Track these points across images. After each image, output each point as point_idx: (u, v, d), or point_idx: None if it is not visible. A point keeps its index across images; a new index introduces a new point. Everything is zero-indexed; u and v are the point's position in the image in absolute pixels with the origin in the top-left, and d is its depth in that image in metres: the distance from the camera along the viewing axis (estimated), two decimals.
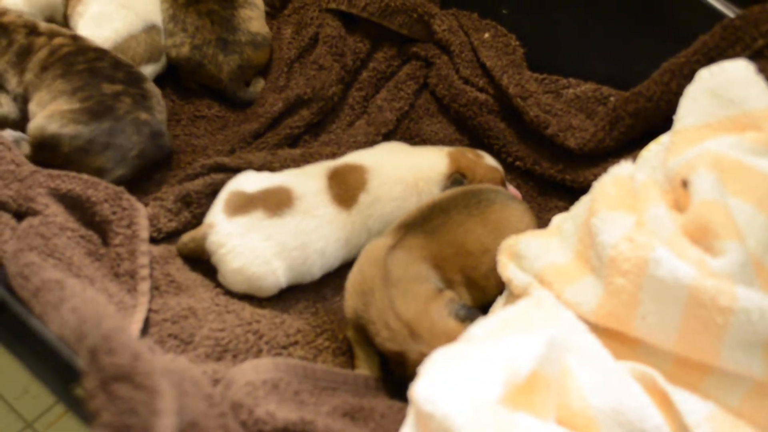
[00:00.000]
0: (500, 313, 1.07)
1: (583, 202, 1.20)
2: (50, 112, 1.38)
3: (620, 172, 1.16)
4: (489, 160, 1.43)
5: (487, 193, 1.32)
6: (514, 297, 1.19)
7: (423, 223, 1.26)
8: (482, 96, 1.56)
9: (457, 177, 1.38)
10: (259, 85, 1.65)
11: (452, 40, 1.61)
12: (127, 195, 1.31)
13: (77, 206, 1.31)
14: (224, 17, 1.60)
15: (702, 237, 1.02)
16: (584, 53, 1.57)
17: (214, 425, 0.89)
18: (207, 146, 1.55)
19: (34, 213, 1.27)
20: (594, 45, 1.55)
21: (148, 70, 1.60)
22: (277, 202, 1.32)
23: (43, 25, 1.52)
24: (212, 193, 1.41)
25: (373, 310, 1.16)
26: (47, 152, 1.37)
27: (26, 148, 1.42)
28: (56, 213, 1.28)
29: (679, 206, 1.10)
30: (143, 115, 1.43)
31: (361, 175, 1.38)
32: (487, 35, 1.62)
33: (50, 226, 1.25)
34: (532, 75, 1.58)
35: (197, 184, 1.42)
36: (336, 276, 1.37)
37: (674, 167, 1.12)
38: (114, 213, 1.29)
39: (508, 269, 1.20)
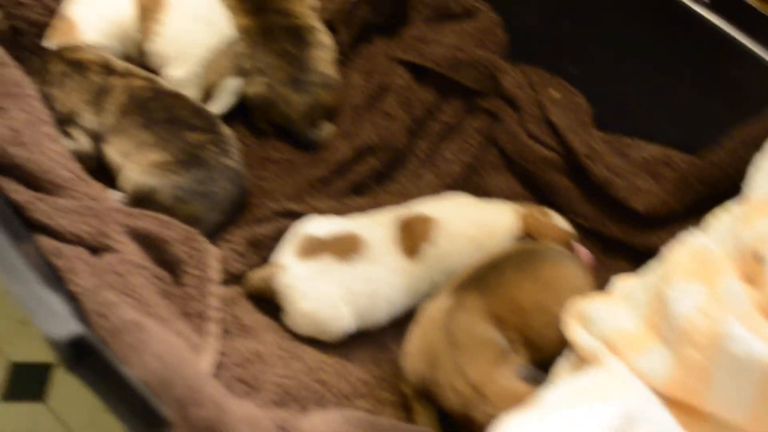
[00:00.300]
0: (572, 380, 1.07)
1: (654, 268, 1.20)
2: (143, 166, 1.41)
3: (693, 241, 1.16)
4: (558, 220, 1.43)
5: (539, 251, 1.33)
6: (580, 360, 1.18)
7: (478, 282, 1.26)
8: (549, 153, 1.56)
9: (522, 238, 1.38)
10: (328, 129, 1.66)
11: (520, 95, 1.62)
12: (199, 236, 1.34)
13: (151, 245, 1.33)
14: (298, 57, 1.62)
15: None
16: (653, 115, 1.57)
17: None
18: (275, 190, 1.56)
19: (111, 250, 1.30)
20: (663, 107, 1.55)
21: (235, 84, 1.64)
22: (347, 248, 1.34)
23: (119, 64, 1.55)
24: (280, 237, 1.43)
25: (440, 374, 1.17)
26: (145, 204, 1.39)
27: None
28: (132, 251, 1.31)
29: (750, 279, 1.09)
30: (228, 162, 1.46)
31: (427, 226, 1.38)
32: (555, 92, 1.63)
33: (126, 264, 1.28)
34: (599, 134, 1.58)
35: (266, 228, 1.44)
36: (397, 325, 1.38)
37: (745, 239, 1.12)
38: (187, 254, 1.32)
39: (574, 332, 1.20)
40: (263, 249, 1.43)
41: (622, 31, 1.58)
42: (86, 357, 0.88)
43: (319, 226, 1.39)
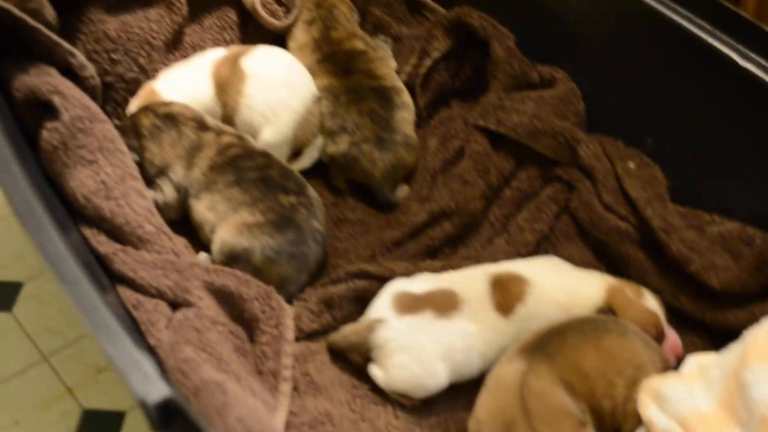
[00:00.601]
0: None
1: (732, 349, 1.18)
2: (237, 227, 1.43)
3: None
4: (649, 301, 1.40)
5: (603, 322, 1.32)
6: None
7: (542, 347, 1.26)
8: (623, 225, 1.55)
9: (605, 312, 1.38)
10: (404, 191, 1.68)
11: (597, 166, 1.62)
12: (276, 295, 1.36)
13: (228, 301, 1.35)
14: (384, 117, 1.65)
15: None
16: (730, 189, 1.55)
17: None
18: (349, 250, 1.58)
19: (189, 305, 1.32)
20: (741, 182, 1.53)
21: (319, 142, 1.68)
22: (444, 305, 1.35)
23: (210, 120, 1.58)
24: (354, 298, 1.45)
25: None
26: (237, 264, 1.41)
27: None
28: (209, 306, 1.33)
29: None
30: (316, 224, 1.49)
31: (522, 286, 1.39)
32: (631, 164, 1.62)
33: (203, 320, 1.30)
34: (676, 208, 1.57)
35: (340, 288, 1.45)
36: (467, 390, 1.37)
37: None
38: (263, 312, 1.33)
39: (649, 410, 1.19)
40: (335, 308, 1.44)
41: (701, 103, 1.56)
42: (175, 419, 0.89)
43: (413, 283, 1.40)
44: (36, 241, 1.04)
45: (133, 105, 1.62)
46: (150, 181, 1.54)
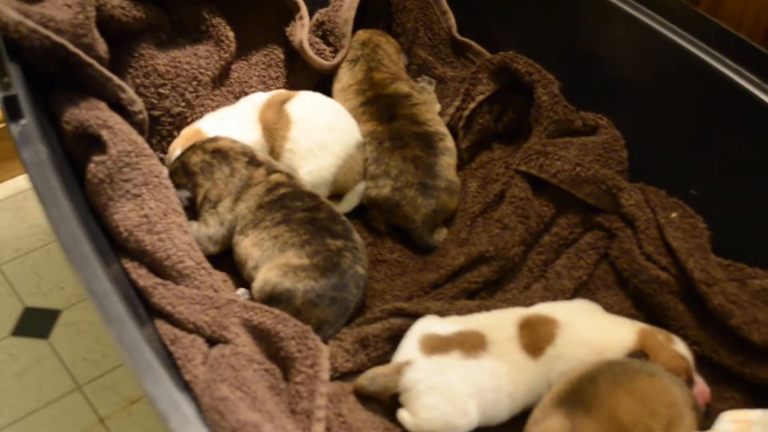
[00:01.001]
0: None
1: None
2: (282, 268, 1.44)
3: None
4: (679, 346, 1.40)
5: (631, 363, 1.31)
6: None
7: (578, 398, 1.25)
8: (664, 275, 1.54)
9: (638, 354, 1.37)
10: (442, 234, 1.69)
11: (638, 215, 1.61)
12: (312, 335, 1.35)
13: (265, 339, 1.36)
14: (428, 164, 1.66)
15: None
16: None
17: None
18: (386, 291, 1.58)
19: (226, 341, 1.33)
20: None
21: (362, 187, 1.69)
22: (473, 345, 1.35)
23: (260, 155, 1.60)
24: (389, 337, 1.44)
25: None
26: (278, 304, 1.42)
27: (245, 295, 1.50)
28: (246, 343, 1.34)
29: None
30: (360, 270, 1.49)
31: (552, 329, 1.39)
32: (674, 214, 1.61)
33: (239, 357, 1.30)
34: (718, 260, 1.55)
35: (375, 327, 1.45)
36: None
37: None
38: (299, 351, 1.33)
39: None
40: (371, 347, 1.44)
41: (746, 155, 1.56)
42: None
43: (440, 325, 1.40)
44: (81, 278, 1.05)
45: (177, 143, 1.64)
46: (196, 215, 1.56)
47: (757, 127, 1.52)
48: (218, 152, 1.56)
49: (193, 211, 1.57)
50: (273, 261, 1.46)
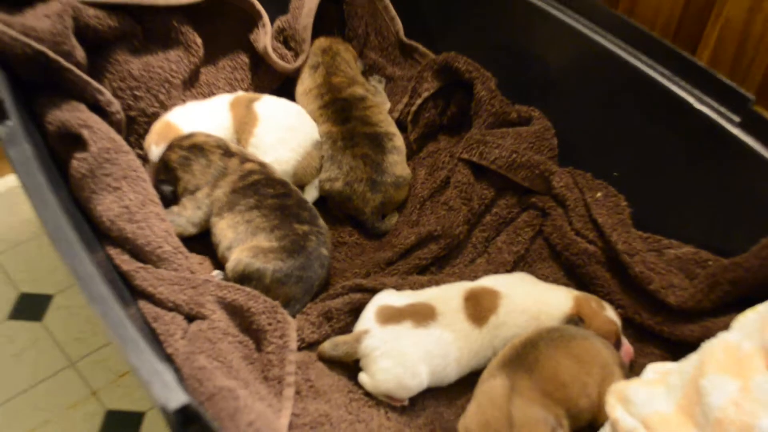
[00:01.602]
0: None
1: (691, 359, 1.19)
2: (253, 250, 1.44)
3: (729, 338, 1.14)
4: (610, 313, 1.42)
5: (567, 330, 1.33)
6: None
7: (521, 361, 1.27)
8: (591, 248, 1.56)
9: (575, 319, 1.39)
10: (394, 218, 1.69)
11: (568, 195, 1.63)
12: (281, 310, 1.36)
13: (238, 314, 1.35)
14: (376, 161, 1.66)
15: None
16: (686, 217, 1.56)
17: None
18: (346, 270, 1.59)
19: (203, 317, 1.33)
20: (696, 211, 1.54)
21: (317, 182, 1.69)
22: (423, 316, 1.36)
23: (233, 146, 1.59)
24: (350, 310, 1.45)
25: None
26: (249, 282, 1.42)
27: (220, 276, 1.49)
28: (221, 319, 1.33)
29: None
30: (324, 251, 1.49)
31: (494, 300, 1.40)
32: (599, 194, 1.63)
33: (215, 331, 1.30)
34: (638, 233, 1.58)
35: (337, 302, 1.45)
36: (449, 394, 1.38)
37: (754, 349, 1.11)
38: (269, 324, 1.33)
39: (616, 411, 1.19)
40: (334, 320, 1.44)
41: (661, 141, 1.57)
42: (192, 423, 0.90)
43: (395, 297, 1.41)
44: (68, 263, 1.04)
45: (150, 138, 1.63)
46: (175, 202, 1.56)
47: (669, 115, 1.54)
48: (194, 147, 1.56)
49: (176, 202, 1.57)
50: (245, 243, 1.46)
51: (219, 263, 1.52)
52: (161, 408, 0.87)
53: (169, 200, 1.57)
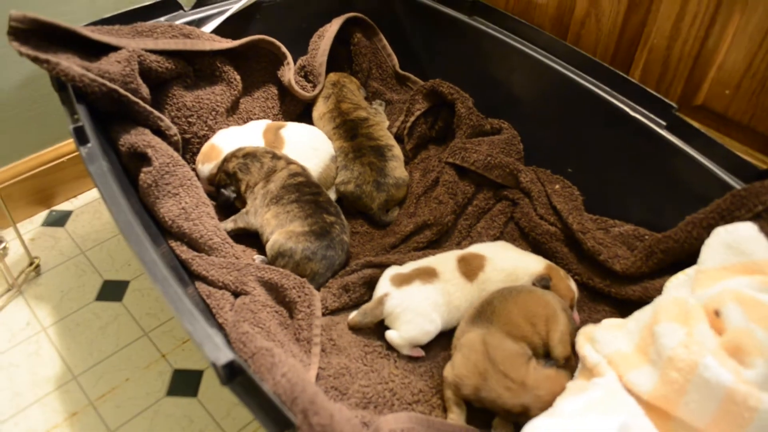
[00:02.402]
0: (582, 395, 1.04)
1: (645, 311, 1.18)
2: (288, 234, 1.43)
3: (676, 293, 1.13)
4: (571, 283, 1.41)
5: (514, 287, 1.33)
6: (587, 369, 1.17)
7: (483, 316, 1.27)
8: (552, 228, 1.54)
9: (545, 278, 1.37)
10: (395, 212, 1.67)
11: (532, 188, 1.61)
12: (308, 285, 1.35)
13: (274, 290, 1.34)
14: (379, 167, 1.64)
15: (736, 353, 0.99)
16: (627, 202, 1.54)
17: None
18: (359, 253, 1.57)
19: (246, 293, 1.31)
20: (634, 197, 1.53)
21: (333, 188, 1.67)
22: (428, 275, 1.36)
23: (278, 152, 1.58)
24: (364, 283, 1.43)
25: (493, 382, 1.15)
26: (283, 258, 1.41)
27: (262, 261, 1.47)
28: (260, 294, 1.32)
29: (714, 327, 1.06)
30: (345, 238, 1.48)
31: (481, 261, 1.40)
32: (557, 186, 1.61)
33: (256, 304, 1.28)
34: (589, 216, 1.56)
35: (353, 277, 1.44)
36: (446, 346, 1.36)
37: (703, 298, 1.09)
38: (299, 296, 1.32)
39: (584, 348, 1.18)
40: (351, 291, 1.42)
41: (605, 143, 1.56)
42: (237, 376, 0.88)
43: (402, 267, 1.41)
44: (135, 251, 1.02)
45: (199, 158, 1.61)
46: (243, 203, 1.55)
47: (610, 122, 1.52)
48: (248, 155, 1.55)
49: (239, 200, 1.56)
50: (284, 228, 1.45)
51: (262, 247, 1.51)
52: (212, 364, 0.86)
53: (230, 204, 1.56)
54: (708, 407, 0.96)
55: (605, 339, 1.16)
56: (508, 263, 1.41)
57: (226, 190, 1.54)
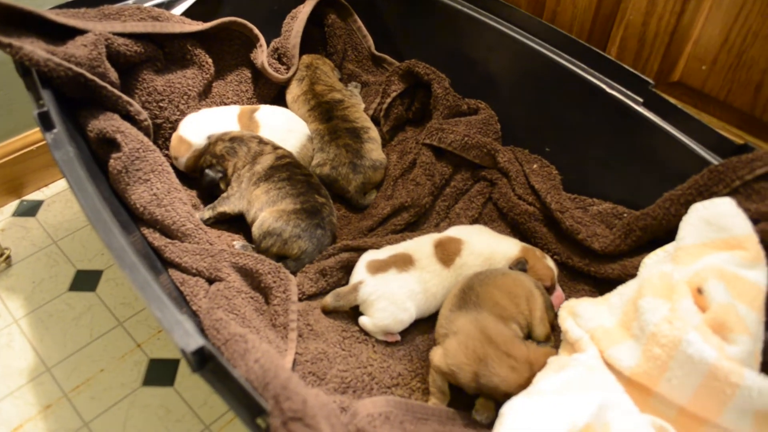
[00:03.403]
0: (561, 373, 1.03)
1: (628, 285, 1.17)
2: (278, 213, 1.41)
3: (663, 268, 1.12)
4: (549, 262, 1.40)
5: (490, 271, 1.32)
6: (568, 344, 1.17)
7: (468, 302, 1.25)
8: (531, 208, 1.53)
9: (522, 262, 1.36)
10: (373, 195, 1.65)
11: (510, 168, 1.59)
12: (283, 269, 1.32)
13: (249, 275, 1.32)
14: (355, 149, 1.62)
15: (720, 329, 0.99)
16: (605, 181, 1.53)
17: None
18: (337, 236, 1.54)
19: (220, 279, 1.29)
20: (612, 175, 1.52)
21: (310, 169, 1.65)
22: (404, 263, 1.34)
23: (265, 138, 1.56)
24: (341, 267, 1.41)
25: (495, 366, 1.12)
26: (271, 237, 1.40)
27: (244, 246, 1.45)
28: (235, 280, 1.29)
29: (698, 305, 1.05)
30: (333, 220, 1.47)
31: (458, 245, 1.38)
32: (535, 166, 1.60)
33: (231, 290, 1.26)
34: (567, 195, 1.55)
35: (330, 261, 1.42)
36: (421, 331, 1.35)
37: (685, 276, 1.08)
38: (274, 282, 1.30)
39: (566, 322, 1.18)
40: (328, 276, 1.41)
41: (582, 121, 1.55)
42: (207, 363, 0.86)
43: (379, 252, 1.39)
44: (102, 237, 1.00)
45: (172, 152, 1.59)
46: (227, 185, 1.54)
47: (587, 100, 1.50)
48: (236, 139, 1.53)
49: (225, 180, 1.54)
50: (274, 206, 1.43)
51: (240, 232, 1.49)
52: (182, 351, 0.84)
53: (215, 185, 1.54)
54: (690, 383, 0.96)
55: (588, 313, 1.16)
56: (485, 247, 1.39)
57: (211, 171, 1.51)
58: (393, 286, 1.31)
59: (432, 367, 1.21)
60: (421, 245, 1.39)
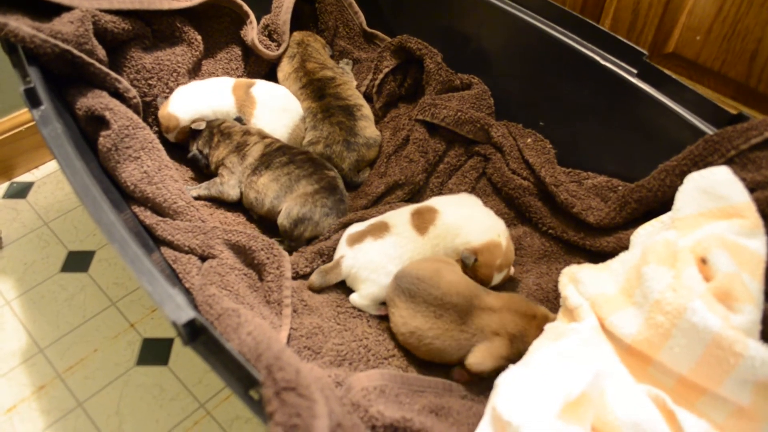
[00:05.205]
0: (558, 343, 1.03)
1: (631, 252, 1.16)
2: (302, 198, 1.42)
3: (666, 235, 1.11)
4: (503, 273, 1.36)
5: (405, 274, 1.27)
6: (567, 310, 1.16)
7: (417, 298, 1.23)
8: (525, 183, 1.52)
9: (469, 256, 1.32)
10: (366, 172, 1.64)
11: (504, 142, 1.58)
12: (277, 246, 1.31)
13: (242, 252, 1.31)
14: (349, 126, 1.60)
15: (725, 298, 0.98)
16: (599, 154, 1.52)
17: (349, 424, 0.85)
18: None
19: (213, 256, 1.28)
20: (607, 148, 1.51)
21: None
22: (380, 230, 1.34)
23: (252, 128, 1.55)
24: (337, 246, 1.40)
25: (530, 336, 1.17)
26: (303, 223, 1.41)
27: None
28: (228, 257, 1.28)
29: (702, 274, 1.04)
30: (345, 192, 1.49)
31: (433, 215, 1.37)
32: (529, 140, 1.59)
33: (224, 267, 1.25)
34: (561, 169, 1.54)
35: (327, 242, 1.41)
36: None
37: (685, 246, 1.07)
38: (268, 258, 1.29)
39: (566, 288, 1.17)
40: (324, 255, 1.40)
41: (576, 94, 1.53)
42: (199, 335, 0.85)
43: (360, 225, 1.39)
44: (92, 214, 0.98)
45: (162, 128, 1.57)
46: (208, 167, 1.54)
47: (581, 72, 1.49)
48: (224, 132, 1.53)
49: (205, 163, 1.54)
50: (293, 193, 1.43)
51: (263, 218, 1.49)
52: (173, 323, 0.83)
53: (196, 160, 1.54)
54: (693, 352, 0.95)
55: (589, 280, 1.14)
56: (455, 222, 1.35)
57: (200, 155, 1.50)
58: (371, 255, 1.31)
59: (473, 373, 1.19)
60: (399, 213, 1.39)
